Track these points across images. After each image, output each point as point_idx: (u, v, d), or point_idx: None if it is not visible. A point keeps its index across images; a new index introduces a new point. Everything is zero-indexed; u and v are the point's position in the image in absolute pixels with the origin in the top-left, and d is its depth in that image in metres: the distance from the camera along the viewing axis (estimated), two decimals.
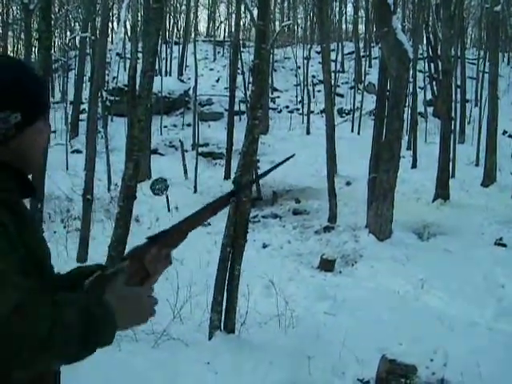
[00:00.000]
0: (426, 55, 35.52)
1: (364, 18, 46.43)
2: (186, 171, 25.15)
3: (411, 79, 25.98)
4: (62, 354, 1.62)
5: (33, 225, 1.91)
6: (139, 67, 12.03)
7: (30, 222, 1.88)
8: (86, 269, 2.06)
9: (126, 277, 1.87)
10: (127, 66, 29.73)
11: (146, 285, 1.93)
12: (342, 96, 39.00)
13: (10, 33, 46.77)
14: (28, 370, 1.59)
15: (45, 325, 1.54)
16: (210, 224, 17.83)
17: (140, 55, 18.04)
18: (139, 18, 24.89)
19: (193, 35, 46.22)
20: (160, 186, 20.26)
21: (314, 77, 39.95)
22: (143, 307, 1.88)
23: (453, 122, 23.60)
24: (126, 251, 2.01)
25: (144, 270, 1.92)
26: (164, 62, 41.76)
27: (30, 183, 1.92)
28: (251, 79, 14.75)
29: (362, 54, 41.90)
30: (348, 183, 23.34)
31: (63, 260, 13.29)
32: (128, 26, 39.50)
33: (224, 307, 8.25)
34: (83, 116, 30.85)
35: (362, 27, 48.43)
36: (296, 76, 41.00)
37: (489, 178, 22.19)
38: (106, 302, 1.75)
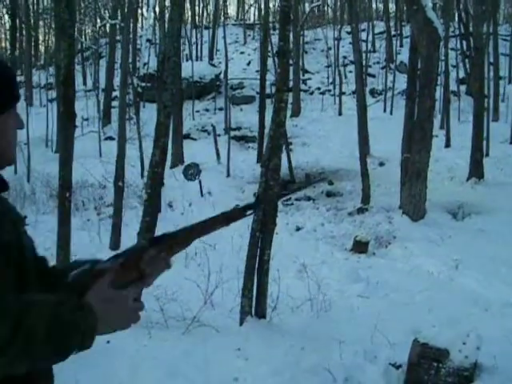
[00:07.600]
0: (457, 33, 35.02)
1: None
2: (218, 155, 25.09)
3: (443, 57, 25.66)
4: (24, 357, 1.52)
5: (6, 218, 1.79)
6: None
7: (3, 214, 1.77)
8: (82, 262, 1.94)
9: (112, 277, 1.76)
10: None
11: (134, 287, 1.80)
12: (373, 76, 38.58)
13: (40, 22, 47.18)
14: None
15: (7, 324, 1.48)
16: None
17: None
18: (167, 3, 24.83)
19: (222, 19, 46.12)
20: (192, 171, 20.28)
21: (345, 57, 39.55)
22: (125, 312, 1.76)
23: (486, 100, 23.30)
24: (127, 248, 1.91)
25: (137, 271, 1.81)
26: (194, 46, 41.74)
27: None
28: None
29: (392, 33, 41.35)
30: (381, 164, 23.16)
31: (96, 247, 13.38)
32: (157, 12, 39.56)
33: (255, 292, 8.21)
34: (115, 103, 30.92)
35: (392, 6, 47.83)
36: (327, 57, 40.66)
37: None
38: (86, 304, 1.67)
